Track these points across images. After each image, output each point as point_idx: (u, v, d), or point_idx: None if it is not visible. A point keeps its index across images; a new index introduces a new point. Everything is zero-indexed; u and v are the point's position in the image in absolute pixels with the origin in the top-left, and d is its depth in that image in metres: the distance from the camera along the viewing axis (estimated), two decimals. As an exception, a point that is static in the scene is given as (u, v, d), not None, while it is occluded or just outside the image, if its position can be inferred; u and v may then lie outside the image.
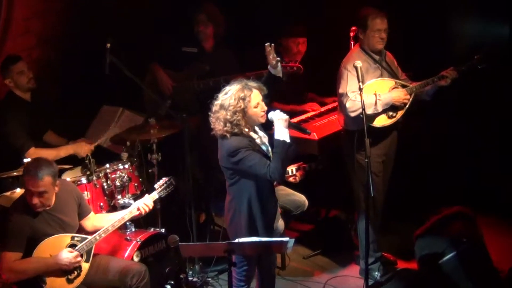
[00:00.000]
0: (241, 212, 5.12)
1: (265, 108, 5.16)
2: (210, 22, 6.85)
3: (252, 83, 5.15)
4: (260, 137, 5.22)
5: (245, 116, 5.07)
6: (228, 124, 5.04)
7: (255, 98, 5.10)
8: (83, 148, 6.20)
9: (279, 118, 5.11)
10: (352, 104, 5.89)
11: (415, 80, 6.17)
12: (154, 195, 5.59)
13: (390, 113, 6.04)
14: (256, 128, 5.22)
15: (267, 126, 5.29)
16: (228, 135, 5.05)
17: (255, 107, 5.10)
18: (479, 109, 7.19)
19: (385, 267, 6.32)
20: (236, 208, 5.15)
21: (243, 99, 5.06)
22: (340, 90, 6.01)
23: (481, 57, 6.01)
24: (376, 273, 6.24)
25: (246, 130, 5.09)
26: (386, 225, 6.48)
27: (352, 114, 5.91)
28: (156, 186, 5.63)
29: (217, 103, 5.12)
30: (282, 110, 5.23)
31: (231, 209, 5.18)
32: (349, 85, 5.91)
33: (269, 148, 5.23)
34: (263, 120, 5.16)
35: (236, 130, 5.05)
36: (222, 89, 5.17)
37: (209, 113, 5.16)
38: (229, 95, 5.08)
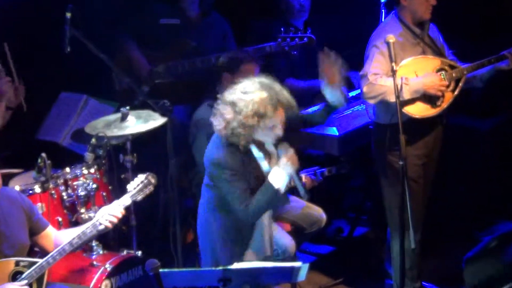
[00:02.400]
0: (215, 220, 5.21)
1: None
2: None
3: (285, 94, 5.02)
4: (264, 155, 5.15)
5: (253, 131, 5.01)
6: (229, 129, 5.01)
7: (277, 118, 5.00)
8: None
9: (286, 162, 5.08)
10: (371, 89, 5.67)
11: (463, 60, 5.94)
12: (126, 200, 5.27)
13: (435, 101, 5.89)
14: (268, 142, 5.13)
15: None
16: (223, 139, 5.04)
17: (272, 129, 5.04)
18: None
19: (426, 300, 6.06)
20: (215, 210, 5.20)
21: (261, 116, 4.93)
22: (361, 71, 5.80)
23: None
24: (414, 307, 5.99)
25: (244, 143, 5.04)
26: (428, 246, 6.23)
27: (371, 101, 5.76)
28: (129, 187, 5.34)
29: (230, 94, 5.04)
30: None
31: (210, 207, 5.22)
32: (373, 66, 5.70)
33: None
34: (276, 135, 5.10)
35: (233, 139, 5.02)
36: (242, 81, 5.04)
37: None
38: (247, 100, 4.95)
